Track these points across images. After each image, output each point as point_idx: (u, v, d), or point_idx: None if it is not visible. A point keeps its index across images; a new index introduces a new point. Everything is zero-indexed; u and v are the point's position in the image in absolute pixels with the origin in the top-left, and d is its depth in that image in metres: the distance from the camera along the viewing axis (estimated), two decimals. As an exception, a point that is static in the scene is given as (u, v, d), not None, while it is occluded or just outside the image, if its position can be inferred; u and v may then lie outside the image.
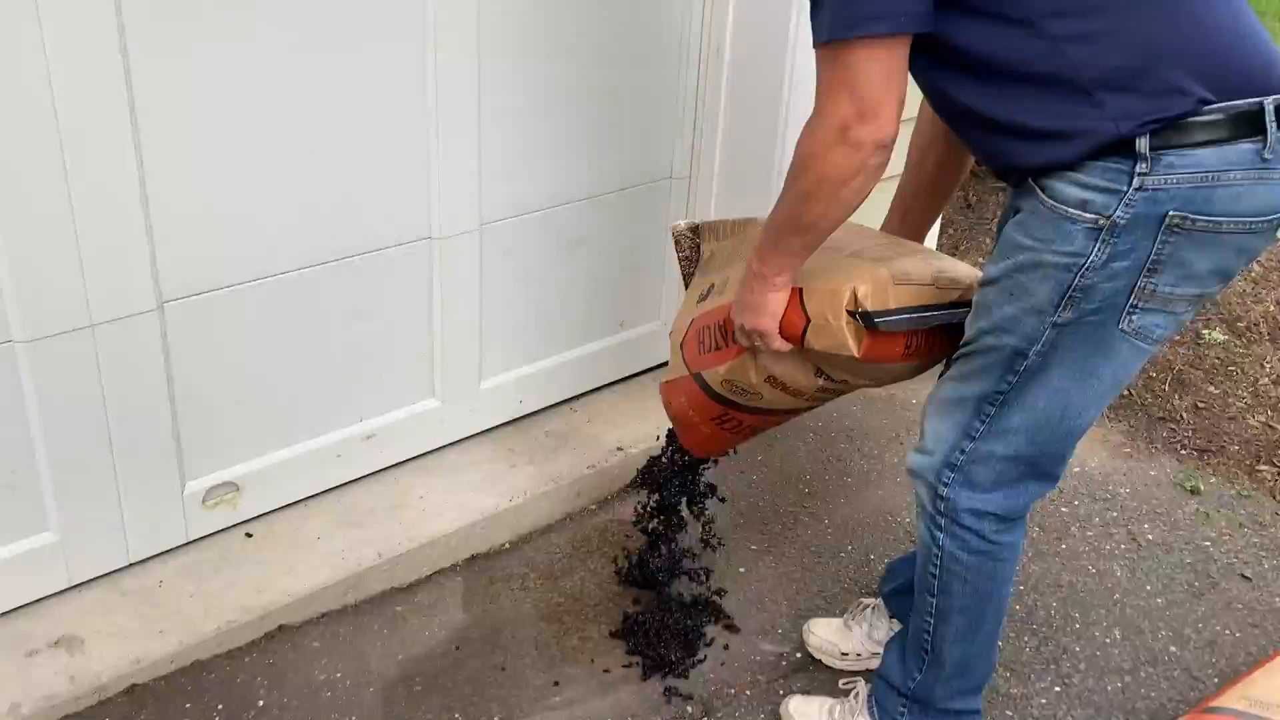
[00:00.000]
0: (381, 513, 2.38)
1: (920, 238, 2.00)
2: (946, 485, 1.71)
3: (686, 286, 2.08)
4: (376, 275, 2.28)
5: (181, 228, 1.98)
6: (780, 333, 1.71)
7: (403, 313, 2.37)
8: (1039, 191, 1.49)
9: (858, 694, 2.00)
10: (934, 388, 1.76)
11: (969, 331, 1.66)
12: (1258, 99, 1.41)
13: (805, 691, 2.08)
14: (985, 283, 1.61)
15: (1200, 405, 3.12)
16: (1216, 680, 2.20)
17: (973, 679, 1.87)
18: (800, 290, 1.70)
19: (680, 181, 2.73)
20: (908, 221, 1.99)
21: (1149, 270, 1.48)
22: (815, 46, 1.46)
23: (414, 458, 2.54)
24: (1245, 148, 1.41)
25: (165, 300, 2.01)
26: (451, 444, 2.60)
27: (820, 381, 1.82)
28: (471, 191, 2.35)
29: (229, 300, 2.09)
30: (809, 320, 1.70)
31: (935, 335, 1.77)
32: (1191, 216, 1.43)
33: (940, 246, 3.45)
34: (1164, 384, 3.20)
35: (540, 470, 2.55)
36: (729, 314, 1.82)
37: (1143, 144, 1.41)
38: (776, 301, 1.68)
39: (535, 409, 2.72)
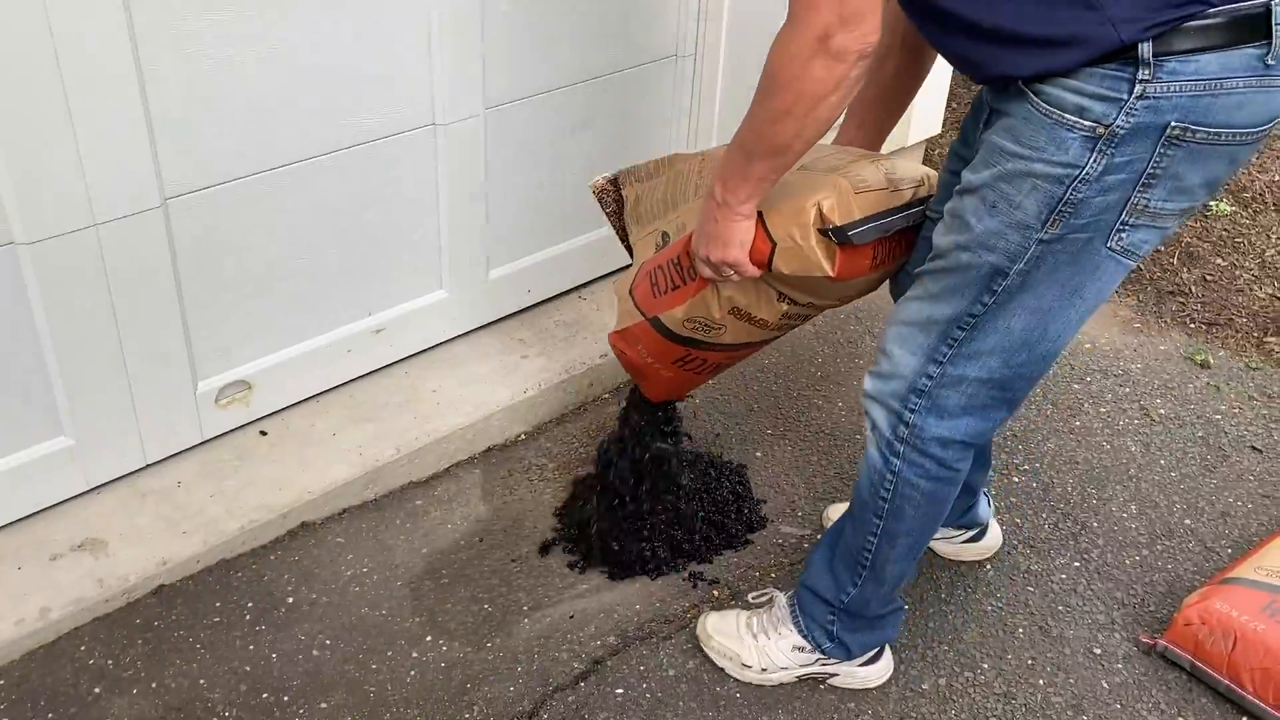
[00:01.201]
0: (395, 407, 2.36)
1: (876, 149, 1.90)
2: (913, 412, 1.62)
3: (623, 241, 1.98)
4: (380, 165, 2.22)
5: (181, 121, 1.90)
6: None
7: (408, 203, 2.31)
8: (1031, 95, 1.39)
9: (775, 602, 1.94)
10: (896, 307, 1.67)
11: (940, 242, 1.54)
12: (1264, 0, 1.32)
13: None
14: (963, 190, 1.50)
15: (1208, 278, 3.11)
16: (1230, 551, 2.23)
17: (902, 584, 1.84)
18: (760, 213, 1.61)
19: (685, 60, 2.65)
20: (864, 133, 1.88)
21: (1144, 185, 1.39)
22: None
23: (424, 351, 2.51)
24: (1249, 53, 1.33)
25: (168, 197, 1.94)
26: (461, 336, 2.57)
27: (784, 307, 1.75)
28: (475, 75, 2.26)
29: (232, 195, 2.03)
30: (774, 244, 1.61)
31: (895, 241, 1.70)
32: (1192, 128, 1.35)
33: (944, 121, 3.38)
34: (1172, 258, 3.18)
35: (552, 361, 2.52)
36: (684, 249, 1.74)
37: (1146, 50, 1.31)
38: (745, 230, 1.59)
39: (544, 298, 2.68)
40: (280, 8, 1.93)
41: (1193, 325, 2.93)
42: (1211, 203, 3.41)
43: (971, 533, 2.15)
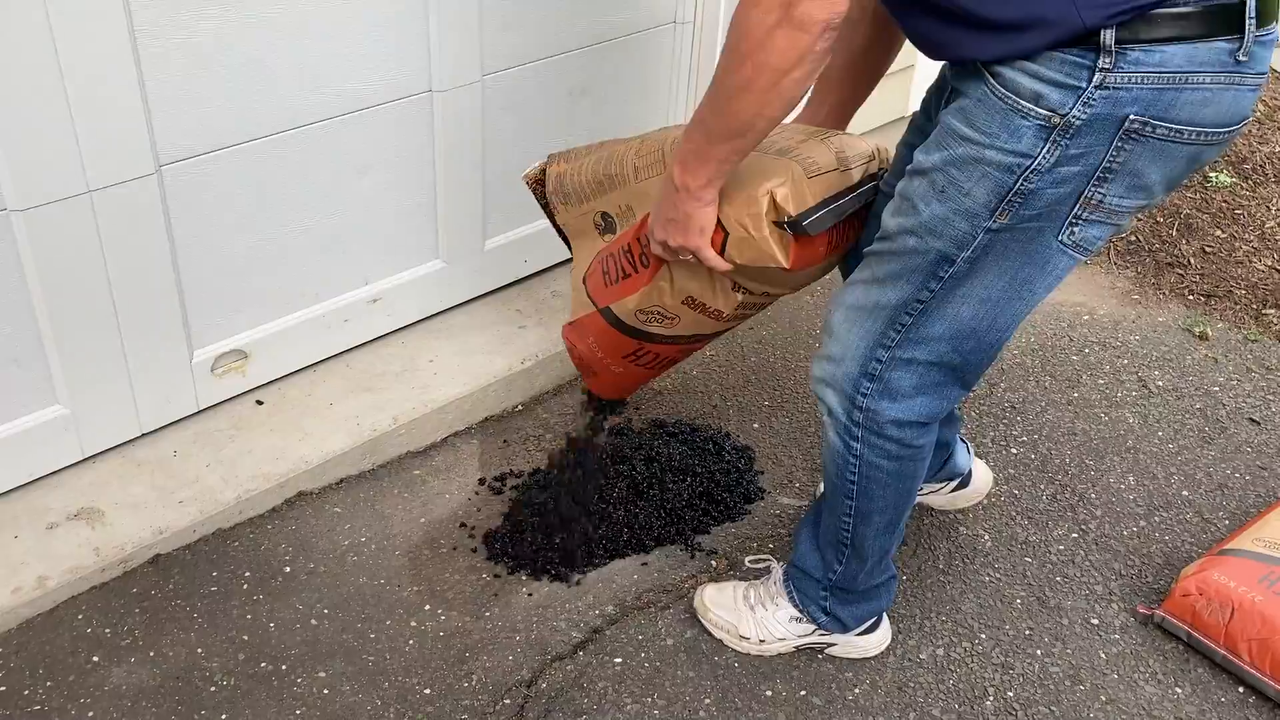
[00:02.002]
0: (392, 377, 2.35)
1: (843, 128, 1.83)
2: (865, 396, 1.60)
3: (558, 230, 1.93)
4: (377, 132, 2.19)
5: (177, 87, 1.88)
6: None
7: (405, 171, 2.29)
8: (988, 77, 1.35)
9: (771, 573, 1.94)
10: (842, 288, 1.63)
11: (888, 224, 1.50)
12: None
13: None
14: (914, 172, 1.46)
15: (1207, 250, 3.10)
16: (1228, 523, 2.23)
17: (890, 555, 1.82)
18: None
19: (684, 26, 2.62)
20: (831, 109, 1.81)
21: (1099, 179, 1.35)
22: None
23: (421, 321, 2.50)
24: (1219, 46, 1.28)
25: (163, 164, 1.92)
26: (457, 306, 2.55)
27: (739, 297, 1.70)
28: (472, 42, 2.24)
29: (229, 161, 2.01)
30: (726, 234, 1.55)
31: (848, 223, 1.66)
32: (1153, 122, 1.30)
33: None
34: (1171, 229, 3.17)
35: (549, 331, 2.51)
36: (635, 237, 1.69)
37: (1108, 36, 1.26)
38: (706, 216, 1.52)
39: (540, 268, 2.67)
40: (275, -29, 1.91)
41: (1191, 297, 2.92)
42: (1212, 174, 3.39)
43: (955, 482, 2.15)
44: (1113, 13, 1.26)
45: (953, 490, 2.16)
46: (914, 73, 3.05)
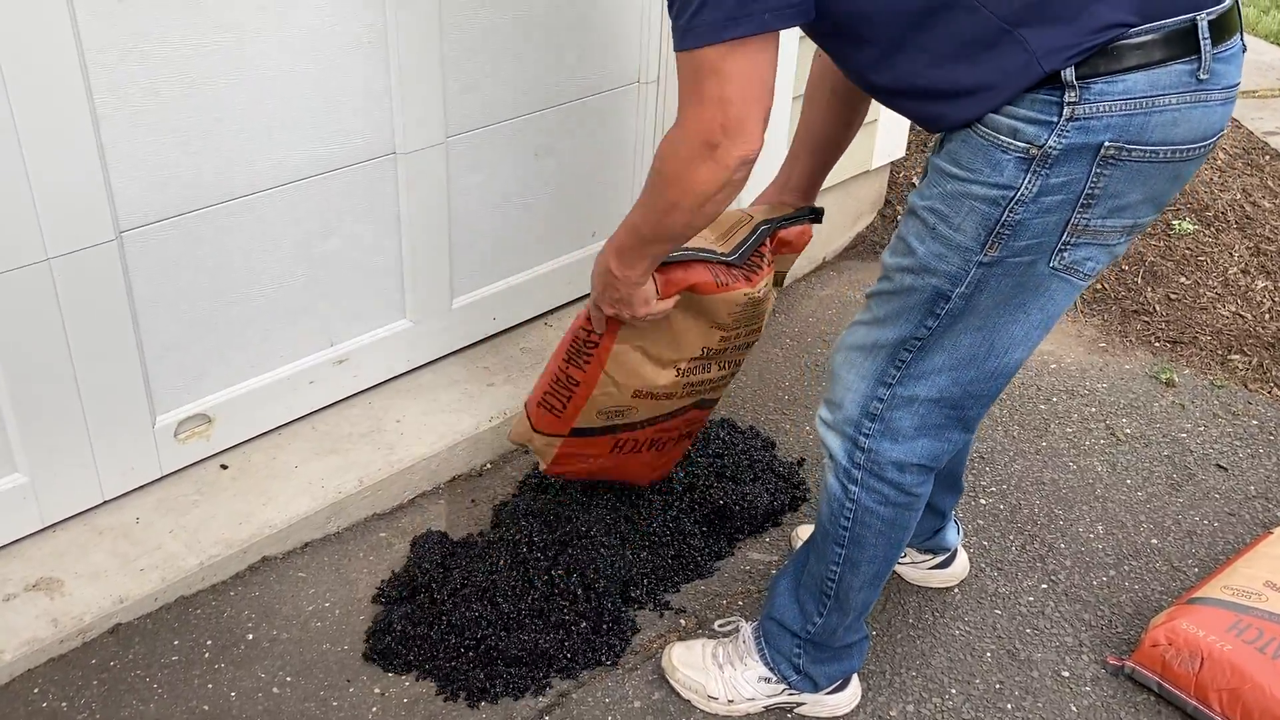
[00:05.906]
0: (359, 438, 2.34)
1: (813, 193, 1.93)
2: (867, 437, 1.62)
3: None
4: (341, 194, 2.20)
5: (136, 153, 1.89)
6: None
7: (370, 232, 2.29)
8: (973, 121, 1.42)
9: (740, 632, 1.92)
10: (844, 332, 1.67)
11: (887, 263, 1.56)
12: (1190, 15, 1.33)
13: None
14: (909, 212, 1.53)
15: (1172, 297, 3.13)
16: (1197, 570, 2.23)
17: (867, 612, 1.82)
18: None
19: (649, 86, 2.65)
20: (799, 177, 1.91)
21: (1083, 206, 1.40)
22: (677, 51, 1.38)
23: (388, 380, 2.49)
24: (1179, 69, 1.34)
25: (123, 230, 1.92)
26: (425, 365, 2.55)
27: (679, 378, 1.90)
28: (435, 103, 2.26)
29: (190, 226, 2.01)
30: None
31: (724, 269, 1.81)
32: (1127, 146, 1.36)
33: (908, 144, 3.40)
34: (1136, 276, 3.20)
35: (518, 389, 2.51)
36: (559, 366, 1.91)
37: (1069, 74, 1.33)
38: (647, 289, 1.70)
39: (509, 326, 2.67)
40: (237, 38, 1.92)
41: (1157, 344, 2.94)
42: (1175, 222, 3.43)
43: (939, 558, 2.14)
44: (1070, 54, 1.33)
45: (932, 566, 2.15)
46: (877, 127, 3.09)
